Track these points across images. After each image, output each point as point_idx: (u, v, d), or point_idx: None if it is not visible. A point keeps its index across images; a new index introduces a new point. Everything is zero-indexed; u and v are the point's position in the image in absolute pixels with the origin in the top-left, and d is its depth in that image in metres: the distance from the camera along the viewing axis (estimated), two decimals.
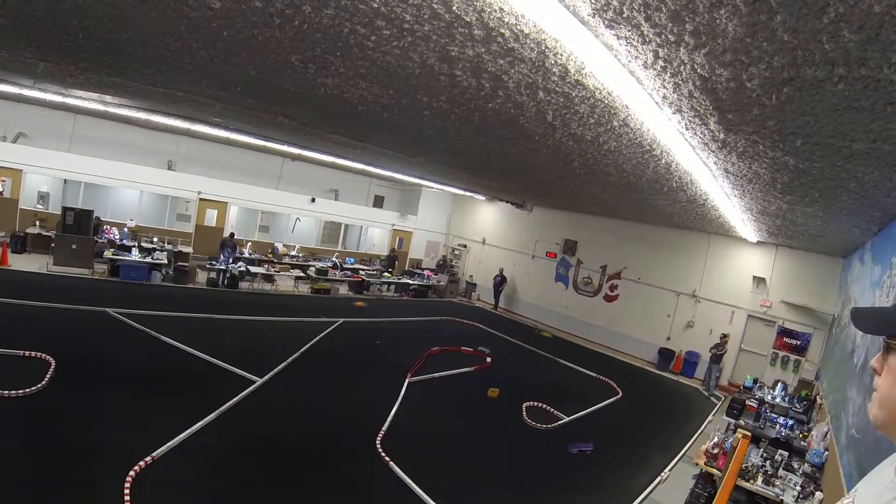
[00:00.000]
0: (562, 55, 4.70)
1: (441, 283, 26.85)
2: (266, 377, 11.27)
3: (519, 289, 26.45)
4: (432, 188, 25.56)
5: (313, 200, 25.57)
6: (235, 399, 10.02)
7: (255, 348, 13.13)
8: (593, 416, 12.93)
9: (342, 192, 27.67)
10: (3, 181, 20.27)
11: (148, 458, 7.57)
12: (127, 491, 6.77)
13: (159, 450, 7.87)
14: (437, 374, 13.47)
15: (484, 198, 25.76)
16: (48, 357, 10.26)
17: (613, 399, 14.44)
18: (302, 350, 13.38)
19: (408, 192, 29.88)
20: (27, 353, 10.38)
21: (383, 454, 8.90)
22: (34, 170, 20.57)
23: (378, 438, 9.41)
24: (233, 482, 7.80)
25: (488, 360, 15.56)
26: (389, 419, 10.28)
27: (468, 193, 23.57)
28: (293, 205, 25.52)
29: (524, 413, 11.85)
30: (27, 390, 8.92)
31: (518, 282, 26.45)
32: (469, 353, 16.01)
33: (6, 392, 8.70)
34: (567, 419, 12.12)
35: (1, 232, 18.77)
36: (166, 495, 7.10)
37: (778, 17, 3.17)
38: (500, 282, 25.69)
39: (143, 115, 14.84)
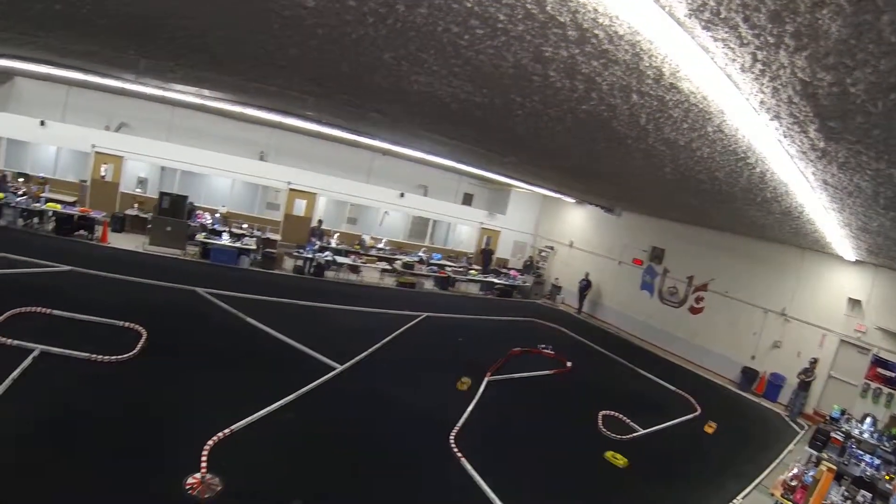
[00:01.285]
0: (657, 57, 4.54)
1: (526, 284, 26.54)
2: (346, 365, 11.51)
3: (604, 294, 25.74)
4: (522, 188, 25.51)
5: (402, 195, 25.83)
6: (315, 383, 10.32)
7: (337, 336, 13.40)
8: (669, 431, 12.53)
9: (431, 189, 27.86)
10: (105, 167, 21.64)
11: (227, 430, 8.05)
12: (204, 457, 7.29)
13: (238, 423, 8.31)
14: (516, 375, 13.39)
15: (573, 200, 25.63)
16: (140, 328, 11.01)
17: (691, 416, 13.91)
18: (384, 341, 13.58)
19: (497, 191, 29.79)
20: (124, 323, 11.23)
21: (456, 450, 8.92)
22: (134, 157, 22.28)
23: (452, 434, 9.45)
24: (302, 463, 8.07)
25: (568, 364, 15.32)
26: (465, 416, 10.30)
27: (557, 195, 23.42)
28: (382, 199, 25.89)
29: (600, 421, 11.61)
30: (121, 357, 9.72)
31: (603, 287, 25.72)
32: (550, 357, 15.83)
33: (104, 357, 9.54)
34: (642, 432, 11.80)
35: (103, 212, 19.86)
36: (239, 466, 7.46)
37: (885, 18, 2.94)
38: (585, 286, 25.16)
39: (237, 108, 15.39)
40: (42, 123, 21.55)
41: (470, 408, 10.70)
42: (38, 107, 22.42)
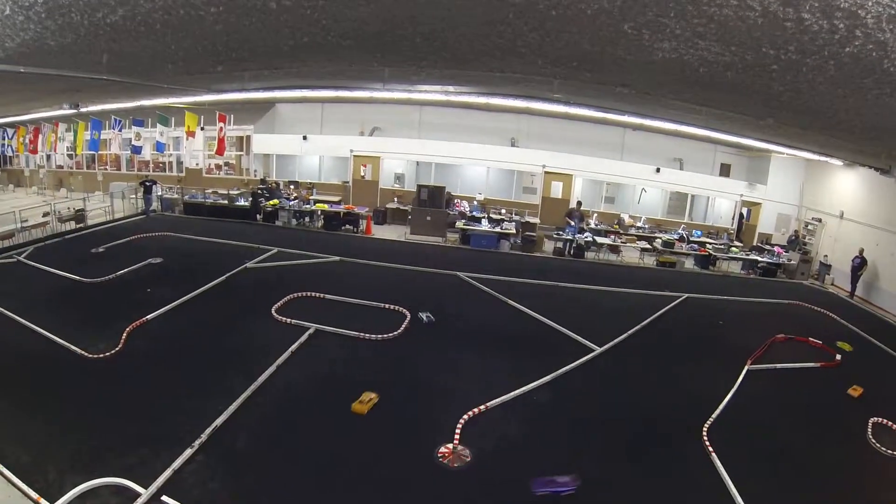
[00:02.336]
0: None
1: (792, 262, 22.62)
2: (604, 347, 11.40)
3: (882, 275, 20.18)
4: (783, 153, 22.64)
5: (658, 170, 24.75)
6: (572, 365, 10.38)
7: (596, 318, 13.30)
8: None
9: (687, 161, 26.26)
10: (365, 167, 23.98)
11: (482, 406, 8.56)
12: (458, 430, 7.89)
13: (493, 401, 8.76)
14: (778, 365, 11.86)
15: (841, 163, 21.61)
16: (405, 310, 12.27)
17: None
18: (643, 324, 13.16)
19: (756, 158, 26.42)
20: (388, 306, 12.64)
21: (707, 443, 8.32)
22: (389, 156, 25.01)
23: (706, 426, 8.82)
24: (552, 443, 8.18)
25: (837, 357, 12.76)
26: (721, 407, 9.54)
27: (823, 158, 20.07)
28: (638, 175, 25.05)
29: (869, 430, 9.46)
30: (387, 336, 11.08)
31: (881, 267, 20.17)
32: (817, 347, 13.40)
33: (371, 335, 10.99)
34: None
35: (366, 208, 22.32)
36: (490, 441, 7.90)
37: None
38: (858, 265, 20.02)
39: (482, 99, 15.72)
40: (304, 138, 25.44)
41: (727, 398, 9.90)
42: (299, 125, 26.51)
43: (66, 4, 6.72)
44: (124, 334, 10.96)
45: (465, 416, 8.21)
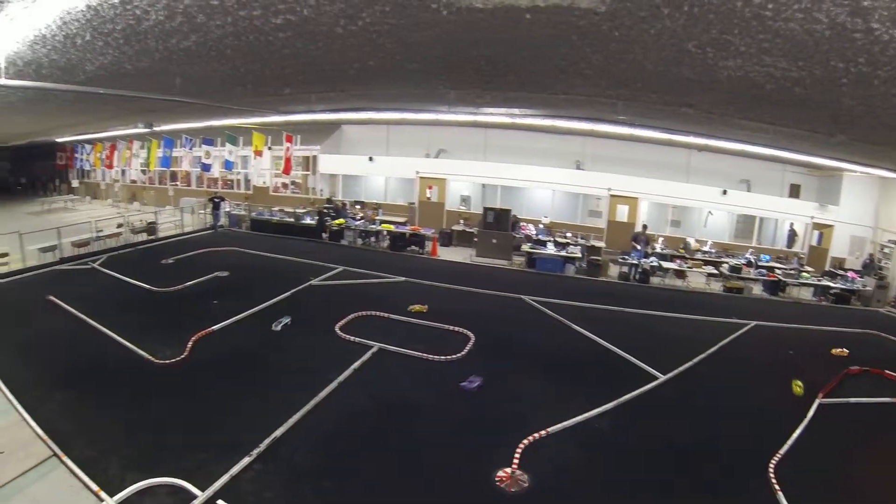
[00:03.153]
0: None
1: (867, 289, 20.77)
2: (668, 375, 11.00)
3: None
4: (855, 171, 21.58)
5: (724, 192, 24.11)
6: (634, 393, 10.06)
7: (661, 345, 12.81)
8: None
9: (754, 182, 25.53)
10: (431, 189, 24.23)
11: (543, 432, 8.37)
12: (517, 454, 7.73)
13: (554, 426, 8.55)
14: (852, 400, 10.92)
15: None
16: (469, 332, 12.12)
17: None
18: (709, 351, 12.64)
19: (827, 178, 24.81)
20: (452, 327, 12.49)
21: (774, 481, 7.80)
22: (455, 178, 24.82)
23: (773, 461, 8.26)
24: (612, 471, 7.95)
25: None
26: (790, 442, 8.92)
27: None
28: (703, 198, 24.34)
29: None
30: (450, 357, 11.03)
31: None
32: (894, 380, 12.20)
33: (434, 356, 10.98)
34: None
35: (432, 229, 22.36)
36: (549, 467, 7.68)
37: None
38: None
39: (547, 122, 15.73)
40: (370, 159, 25.57)
41: (797, 432, 9.27)
42: (365, 146, 27.09)
43: (143, 31, 7.03)
44: (190, 343, 11.40)
45: (525, 441, 8.08)
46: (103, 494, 6.74)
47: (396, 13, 5.99)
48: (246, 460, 7.50)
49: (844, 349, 12.33)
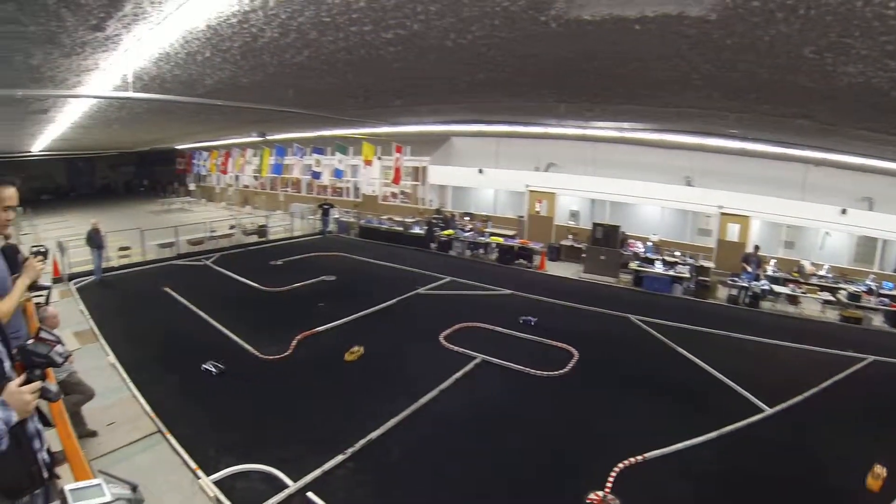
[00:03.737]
0: None
1: None
2: (775, 409, 10.22)
3: None
4: None
5: (843, 212, 22.49)
6: (739, 424, 9.49)
7: (769, 375, 12.05)
8: None
9: (877, 200, 23.60)
10: (540, 202, 24.12)
11: (639, 457, 8.13)
12: (611, 478, 7.55)
13: (652, 452, 8.29)
14: None
15: None
16: (573, 349, 12.06)
17: None
18: (821, 386, 11.53)
19: None
20: (557, 343, 12.46)
21: None
22: (564, 192, 24.54)
23: None
24: None
25: None
26: None
27: None
28: (820, 217, 22.64)
29: None
30: (552, 373, 10.99)
31: None
32: None
33: (537, 371, 11.01)
34: None
35: (540, 243, 22.35)
36: (644, 495, 7.45)
37: None
38: None
39: (656, 136, 15.49)
40: (480, 171, 25.55)
41: None
42: (474, 158, 27.16)
43: (258, 48, 7.37)
44: (294, 341, 12.03)
45: (620, 465, 7.89)
46: (200, 473, 7.34)
47: (506, 27, 6.06)
48: (340, 458, 7.83)
49: None
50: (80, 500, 1.83)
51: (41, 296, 5.67)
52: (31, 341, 3.20)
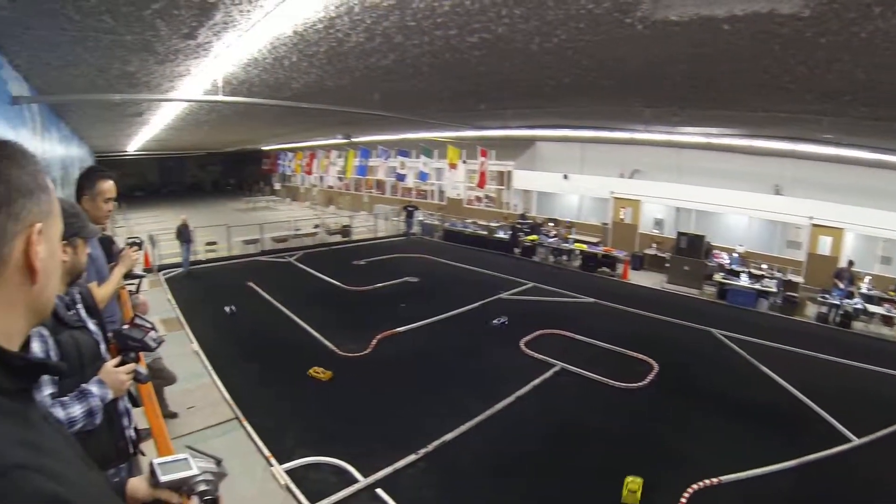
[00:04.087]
0: None
1: None
2: (863, 439, 9.41)
3: None
4: None
5: None
6: (824, 453, 8.85)
7: (858, 401, 11.20)
8: None
9: None
10: (624, 210, 23.80)
11: (714, 480, 7.81)
12: (684, 500, 7.32)
13: (727, 476, 7.94)
14: None
15: None
16: (652, 361, 11.85)
17: None
18: None
19: None
20: (637, 354, 12.29)
21: None
22: (649, 200, 24.07)
23: None
24: None
25: None
26: None
27: None
28: None
29: None
30: (630, 385, 10.80)
31: None
32: None
33: (615, 382, 10.84)
34: None
35: (623, 251, 22.32)
36: None
37: None
38: None
39: (744, 142, 15.07)
40: (565, 177, 25.46)
41: None
42: (559, 163, 27.09)
43: (344, 52, 7.53)
44: (374, 340, 12.27)
45: (695, 486, 7.64)
46: (273, 461, 7.63)
47: (591, 30, 6.02)
48: (412, 457, 7.97)
49: None
50: (168, 472, 1.93)
51: (133, 284, 5.97)
52: (126, 326, 3.41)
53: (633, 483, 7.33)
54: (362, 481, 7.31)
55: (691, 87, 9.26)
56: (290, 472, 7.47)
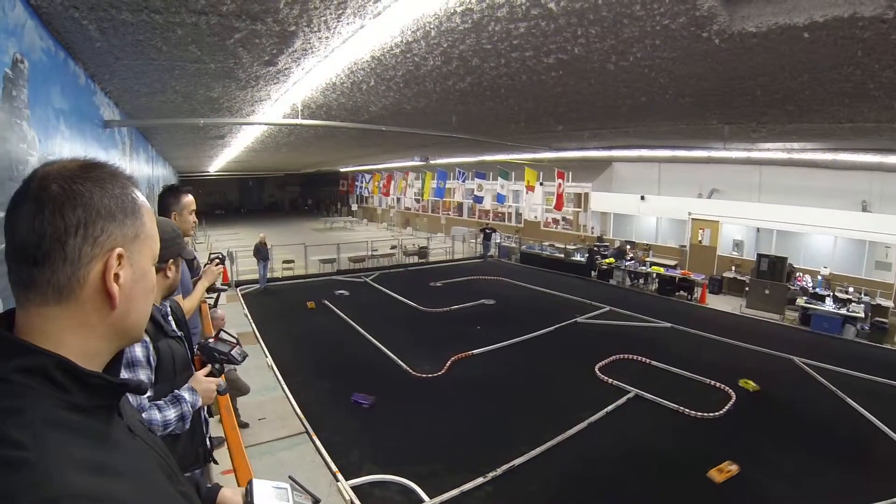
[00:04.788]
0: None
1: None
2: None
3: None
4: None
5: None
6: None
7: None
8: None
9: None
10: (702, 231, 23.30)
11: None
12: None
13: None
14: None
15: None
16: (730, 390, 11.48)
17: None
18: None
19: None
20: (713, 382, 11.93)
21: None
22: (728, 220, 23.61)
23: None
24: None
25: None
26: None
27: None
28: None
29: None
30: (707, 414, 10.40)
31: None
32: None
33: (691, 412, 10.49)
34: None
35: (701, 275, 21.84)
36: None
37: None
38: None
39: (827, 156, 14.64)
40: (642, 198, 25.02)
41: None
42: (635, 184, 26.76)
43: (421, 76, 7.73)
44: (448, 362, 12.31)
45: None
46: (340, 476, 7.77)
47: (667, 46, 6.03)
48: (479, 480, 7.97)
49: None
50: (264, 499, 2.02)
51: (212, 297, 6.26)
52: (211, 340, 3.64)
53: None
54: (428, 502, 7.40)
55: (771, 101, 9.09)
56: (355, 489, 7.61)
